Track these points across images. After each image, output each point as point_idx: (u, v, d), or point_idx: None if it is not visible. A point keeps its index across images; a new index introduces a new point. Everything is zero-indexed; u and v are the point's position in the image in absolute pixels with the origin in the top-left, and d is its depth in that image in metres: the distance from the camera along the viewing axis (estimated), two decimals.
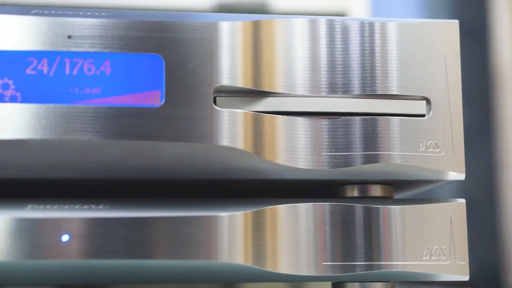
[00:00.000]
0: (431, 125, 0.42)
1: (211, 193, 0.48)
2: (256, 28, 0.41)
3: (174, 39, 0.40)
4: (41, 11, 0.40)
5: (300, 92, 0.41)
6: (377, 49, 0.42)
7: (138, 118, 0.39)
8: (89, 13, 0.40)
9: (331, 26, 0.42)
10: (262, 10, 0.76)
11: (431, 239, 0.42)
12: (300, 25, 0.42)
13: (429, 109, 0.43)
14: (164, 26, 0.40)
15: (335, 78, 0.42)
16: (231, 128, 0.40)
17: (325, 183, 0.44)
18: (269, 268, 0.40)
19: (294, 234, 0.41)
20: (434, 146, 0.42)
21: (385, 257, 0.42)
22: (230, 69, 0.41)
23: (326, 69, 0.42)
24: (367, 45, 0.42)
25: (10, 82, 0.39)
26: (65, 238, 0.39)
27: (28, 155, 0.39)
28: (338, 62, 0.42)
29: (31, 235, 0.39)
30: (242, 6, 0.76)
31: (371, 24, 0.43)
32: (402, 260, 0.42)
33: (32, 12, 0.40)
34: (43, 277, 0.41)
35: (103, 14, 0.40)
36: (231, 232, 0.40)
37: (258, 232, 0.41)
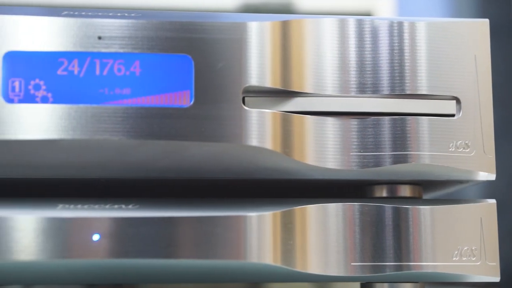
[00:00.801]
0: (461, 125, 0.42)
1: (239, 193, 0.48)
2: (284, 28, 0.41)
3: (204, 40, 0.40)
4: (71, 13, 0.40)
5: (329, 92, 0.41)
6: (406, 48, 0.42)
7: (167, 118, 0.40)
8: (119, 14, 0.41)
9: (360, 26, 0.42)
10: (287, 10, 0.76)
11: (461, 239, 0.42)
12: (329, 25, 0.42)
13: (459, 109, 0.42)
14: (193, 26, 0.40)
15: (364, 78, 0.42)
16: (259, 128, 0.40)
17: (354, 183, 0.44)
18: (298, 268, 0.40)
19: (324, 234, 0.41)
20: (464, 146, 0.42)
21: (414, 257, 0.41)
22: (259, 69, 0.41)
23: (355, 69, 0.42)
24: (396, 44, 0.42)
25: (42, 82, 0.39)
26: (95, 237, 0.39)
27: (59, 155, 0.40)
28: (367, 62, 0.42)
29: (62, 235, 0.39)
30: (267, 6, 0.76)
31: (400, 24, 0.43)
32: (432, 260, 0.42)
33: (63, 13, 0.40)
34: (72, 276, 0.41)
35: (132, 15, 0.41)
36: (260, 232, 0.40)
37: (287, 232, 0.41)
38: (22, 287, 0.56)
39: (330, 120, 0.41)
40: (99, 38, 0.40)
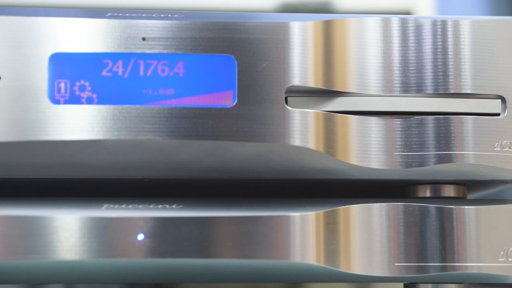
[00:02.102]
0: (506, 124, 0.42)
1: (281, 192, 0.48)
2: (327, 28, 0.41)
3: (246, 40, 0.40)
4: (115, 14, 0.41)
5: (372, 91, 0.41)
6: (450, 47, 0.42)
7: (211, 118, 0.40)
8: (162, 15, 0.41)
9: (403, 25, 0.42)
10: (326, 9, 0.76)
11: (507, 240, 0.41)
12: (373, 24, 0.41)
13: (504, 108, 0.42)
14: (236, 27, 0.40)
15: (408, 77, 0.41)
16: (302, 128, 0.40)
17: (397, 183, 0.44)
18: (342, 268, 0.40)
19: (368, 234, 0.41)
20: (510, 145, 0.41)
21: (459, 258, 0.41)
22: (301, 69, 0.41)
23: (398, 68, 0.41)
24: (440, 43, 0.42)
25: (87, 84, 0.40)
26: (140, 237, 0.40)
27: (103, 156, 0.40)
28: (411, 61, 0.41)
29: (107, 234, 0.40)
30: (306, 5, 0.76)
31: (444, 22, 0.42)
32: (477, 261, 0.41)
33: (107, 15, 0.41)
34: (115, 276, 0.41)
35: (175, 16, 0.41)
36: (303, 232, 0.40)
37: (330, 232, 0.41)
38: (64, 286, 0.57)
39: (373, 119, 0.41)
40: (143, 39, 0.40)
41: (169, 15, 0.41)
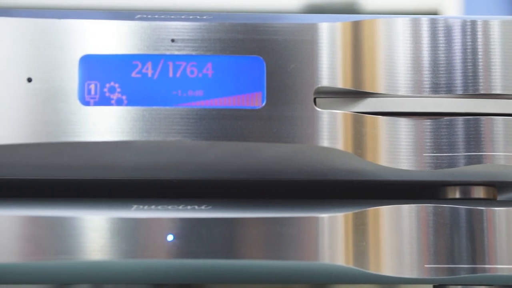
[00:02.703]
0: None
1: (308, 193, 0.48)
2: (355, 29, 0.41)
3: (275, 41, 0.40)
4: (144, 16, 0.41)
5: (402, 92, 0.41)
6: (480, 47, 0.42)
7: (240, 119, 0.40)
8: (191, 17, 0.41)
9: (433, 25, 0.41)
10: (352, 9, 0.76)
11: None
12: (402, 24, 0.41)
13: None
14: (265, 28, 0.41)
15: (437, 78, 0.41)
16: (331, 129, 0.40)
17: (426, 184, 0.43)
18: (371, 270, 0.40)
19: (397, 235, 0.41)
20: None
21: (489, 260, 0.41)
22: (330, 70, 0.41)
23: (428, 68, 0.41)
24: (469, 43, 0.42)
25: (117, 85, 0.40)
26: (169, 238, 0.40)
27: (133, 157, 0.40)
28: (440, 62, 0.41)
29: (137, 235, 0.40)
30: (332, 6, 0.76)
31: (473, 23, 0.42)
32: (508, 263, 0.41)
33: (136, 17, 0.41)
34: (143, 276, 0.42)
35: (204, 17, 0.41)
36: (331, 233, 0.40)
37: (359, 234, 0.40)
38: (91, 286, 0.57)
39: (403, 120, 0.41)
40: (172, 40, 0.40)
41: (198, 17, 0.41)
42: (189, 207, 0.41)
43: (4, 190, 0.44)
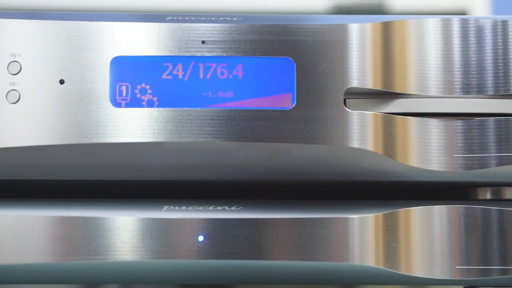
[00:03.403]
0: None
1: (336, 194, 0.48)
2: (385, 29, 0.41)
3: (305, 42, 0.40)
4: (175, 18, 0.41)
5: (432, 93, 0.41)
6: (511, 47, 0.41)
7: (270, 120, 0.40)
8: (221, 18, 0.41)
9: (464, 26, 0.41)
10: (380, 10, 0.75)
11: None
12: (432, 25, 0.41)
13: None
14: (294, 29, 0.41)
15: (468, 78, 0.41)
16: (361, 129, 0.40)
17: (457, 185, 0.43)
18: (402, 271, 0.40)
19: (428, 236, 0.40)
20: None
21: None
22: (360, 71, 0.41)
23: (459, 69, 0.41)
24: (500, 44, 0.41)
25: (148, 87, 0.40)
26: (200, 238, 0.40)
27: (163, 158, 0.41)
28: (471, 62, 0.41)
29: (168, 236, 0.40)
30: (359, 7, 0.76)
31: (505, 23, 0.42)
32: None
33: (167, 19, 0.41)
34: (171, 276, 0.42)
35: (234, 19, 0.41)
36: (361, 234, 0.40)
37: (390, 235, 0.40)
38: (120, 286, 0.58)
39: (433, 121, 0.41)
40: (203, 42, 0.40)
41: (228, 18, 0.41)
42: (219, 207, 0.41)
43: (37, 191, 0.44)
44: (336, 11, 0.76)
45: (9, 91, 0.40)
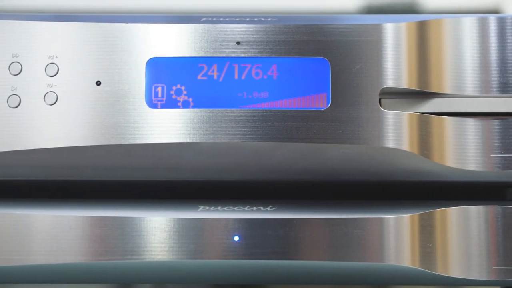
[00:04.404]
0: None
1: (371, 194, 0.48)
2: (421, 29, 0.41)
3: (340, 42, 0.40)
4: (210, 19, 0.41)
5: (469, 92, 0.40)
6: None
7: (305, 120, 0.40)
8: (255, 19, 0.41)
9: (501, 24, 0.41)
10: (412, 10, 0.75)
11: None
12: (469, 24, 0.41)
13: None
14: (329, 29, 0.41)
15: (505, 77, 0.41)
16: (396, 129, 0.40)
17: (494, 185, 0.43)
18: (439, 271, 0.40)
19: (465, 237, 0.40)
20: None
21: None
22: (395, 71, 0.40)
23: (496, 68, 0.41)
24: None
25: (183, 88, 0.40)
26: (236, 238, 0.40)
27: (199, 158, 0.41)
28: (508, 61, 0.41)
29: (204, 236, 0.40)
30: (391, 6, 0.76)
31: None
32: None
33: (202, 20, 0.41)
34: (205, 276, 0.42)
35: (269, 19, 0.41)
36: (397, 235, 0.40)
37: (426, 235, 0.40)
38: (153, 286, 0.58)
39: (470, 121, 0.40)
40: (238, 43, 0.41)
41: (262, 19, 0.41)
42: (254, 208, 0.41)
43: (74, 191, 0.45)
44: (367, 10, 0.76)
45: (47, 93, 0.40)
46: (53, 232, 0.40)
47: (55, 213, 0.41)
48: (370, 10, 0.75)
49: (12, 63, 0.40)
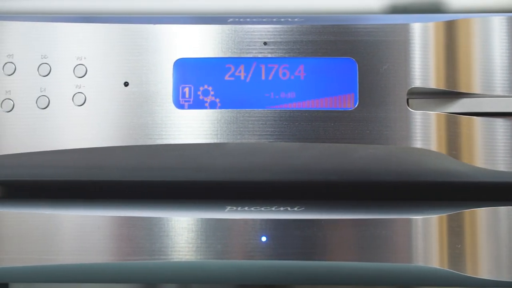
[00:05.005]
0: None
1: (397, 194, 0.48)
2: (449, 28, 0.41)
3: (367, 42, 0.40)
4: (237, 19, 0.41)
5: (498, 92, 0.40)
6: None
7: (332, 121, 0.40)
8: (282, 19, 0.41)
9: None
10: (437, 9, 0.74)
11: None
12: (498, 23, 0.41)
13: None
14: (357, 29, 0.40)
15: None
16: (424, 130, 0.40)
17: None
18: (468, 273, 0.40)
19: (494, 238, 0.40)
20: None
21: None
22: (423, 71, 0.40)
23: None
24: None
25: (210, 88, 0.40)
26: (263, 239, 0.40)
27: (226, 158, 0.41)
28: None
29: (231, 236, 0.40)
30: (416, 6, 0.75)
31: None
32: None
33: (229, 20, 0.41)
34: (231, 276, 0.42)
35: (296, 19, 0.41)
36: (425, 235, 0.40)
37: (454, 236, 0.40)
38: (179, 285, 0.58)
39: (500, 121, 0.40)
40: (265, 43, 0.41)
41: (289, 19, 0.41)
42: (281, 208, 0.41)
43: (102, 191, 0.45)
44: (392, 10, 0.75)
45: (75, 94, 0.41)
46: (81, 232, 0.41)
47: (83, 213, 0.41)
48: (395, 10, 0.74)
49: (41, 64, 0.41)
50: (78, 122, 0.40)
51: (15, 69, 0.41)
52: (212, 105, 0.40)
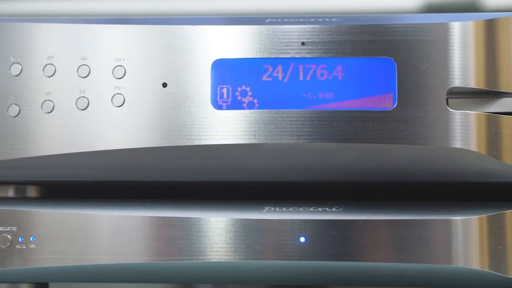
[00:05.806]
0: None
1: (436, 195, 0.47)
2: (489, 27, 0.40)
3: (406, 42, 0.40)
4: (274, 20, 0.41)
5: None
6: None
7: (371, 121, 0.40)
8: (320, 19, 0.41)
9: None
10: (474, 8, 0.74)
11: None
12: None
13: None
14: (395, 29, 0.40)
15: None
16: (464, 130, 0.39)
17: None
18: (510, 274, 0.39)
19: None
20: None
21: None
22: (462, 70, 0.40)
23: None
24: None
25: (248, 89, 0.41)
26: (302, 239, 0.40)
27: (264, 159, 0.41)
28: None
29: (270, 236, 0.40)
30: (452, 5, 0.74)
31: None
32: None
33: (266, 21, 0.41)
34: (268, 277, 0.42)
35: (333, 19, 0.41)
36: (465, 236, 0.40)
37: (495, 237, 0.39)
38: (213, 285, 0.58)
39: None
40: (303, 43, 0.41)
41: (327, 19, 0.41)
42: (320, 209, 0.41)
43: (140, 192, 0.45)
44: (427, 9, 0.75)
45: (114, 95, 0.41)
46: (120, 232, 0.41)
47: (122, 213, 0.41)
48: (431, 9, 0.74)
49: (80, 65, 0.41)
50: (117, 123, 0.41)
51: (55, 71, 0.41)
52: (250, 106, 0.40)
